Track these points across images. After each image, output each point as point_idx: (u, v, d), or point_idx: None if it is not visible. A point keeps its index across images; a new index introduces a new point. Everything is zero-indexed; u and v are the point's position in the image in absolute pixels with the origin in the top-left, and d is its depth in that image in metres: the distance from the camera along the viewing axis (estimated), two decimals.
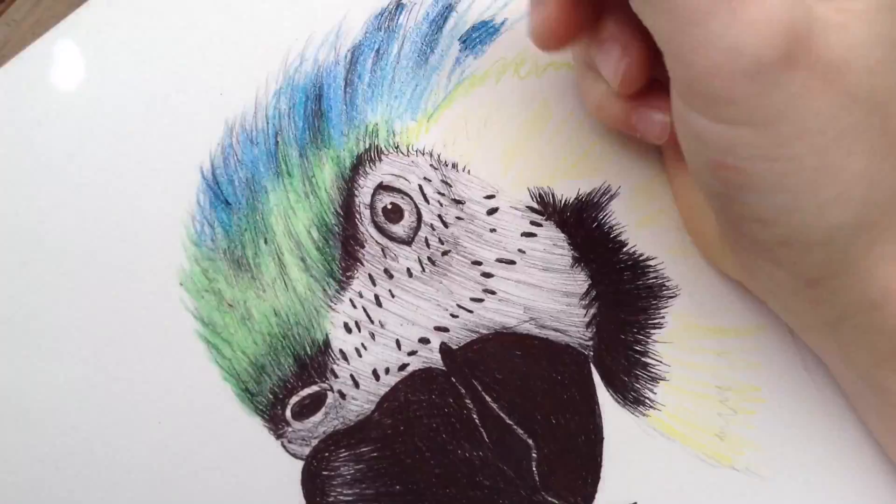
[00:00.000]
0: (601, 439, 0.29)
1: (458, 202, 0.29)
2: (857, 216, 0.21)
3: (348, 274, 0.29)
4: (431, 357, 0.29)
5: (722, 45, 0.19)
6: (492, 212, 0.29)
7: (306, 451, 0.29)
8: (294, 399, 0.28)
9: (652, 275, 0.29)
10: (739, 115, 0.20)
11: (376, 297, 0.29)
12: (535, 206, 0.29)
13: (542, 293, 0.29)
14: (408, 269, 0.29)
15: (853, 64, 0.20)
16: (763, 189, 0.21)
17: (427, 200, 0.29)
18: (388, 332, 0.29)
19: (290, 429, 0.29)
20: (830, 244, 0.21)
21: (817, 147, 0.20)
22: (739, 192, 0.22)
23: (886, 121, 0.20)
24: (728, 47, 0.19)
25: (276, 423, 0.28)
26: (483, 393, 0.29)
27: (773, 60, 0.19)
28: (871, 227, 0.21)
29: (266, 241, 0.28)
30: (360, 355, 0.29)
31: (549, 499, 0.29)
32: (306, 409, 0.29)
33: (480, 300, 0.29)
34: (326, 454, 0.29)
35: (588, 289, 0.29)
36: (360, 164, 0.29)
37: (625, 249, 0.29)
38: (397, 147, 0.29)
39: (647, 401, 0.29)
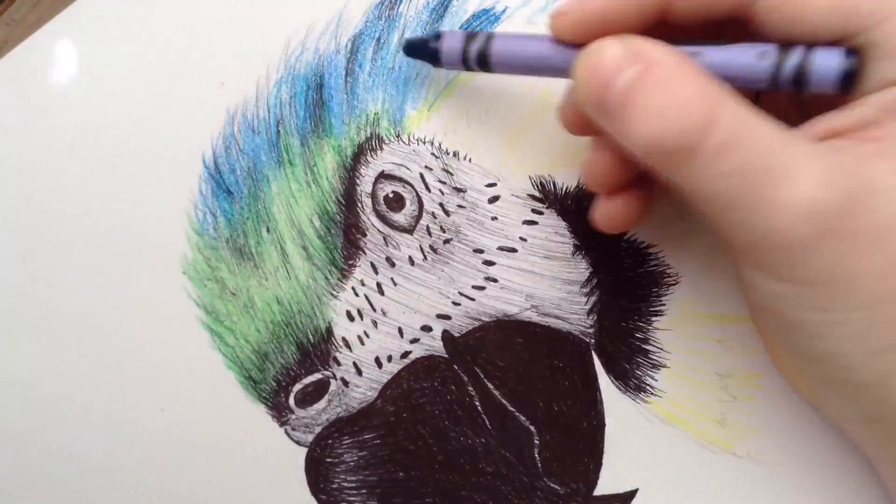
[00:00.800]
0: (602, 426, 0.29)
1: (459, 190, 0.29)
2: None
3: (350, 262, 0.29)
4: (433, 345, 0.29)
5: (757, 229, 0.20)
6: (493, 200, 0.29)
7: (309, 438, 0.29)
8: (297, 386, 0.29)
9: (653, 262, 0.29)
10: (784, 275, 0.21)
11: (378, 285, 0.29)
12: (537, 194, 0.29)
13: (544, 281, 0.29)
14: (409, 258, 0.29)
15: None
16: (811, 335, 0.22)
17: (428, 189, 0.29)
18: (391, 319, 0.29)
19: (293, 416, 0.29)
20: (884, 386, 0.21)
21: (866, 303, 0.20)
22: (790, 335, 0.23)
23: None
24: (764, 230, 0.20)
25: (279, 411, 0.29)
26: (485, 380, 0.29)
27: (806, 238, 0.20)
28: None
29: (268, 230, 0.28)
30: (362, 343, 0.29)
31: (552, 485, 0.29)
32: (309, 397, 0.29)
33: (482, 288, 0.29)
34: (329, 441, 0.29)
35: (589, 276, 0.30)
36: (361, 152, 0.29)
37: (626, 237, 0.29)
38: (398, 136, 0.29)
39: (647, 387, 0.29)
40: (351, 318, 0.29)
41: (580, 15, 0.23)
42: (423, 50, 0.27)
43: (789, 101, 0.25)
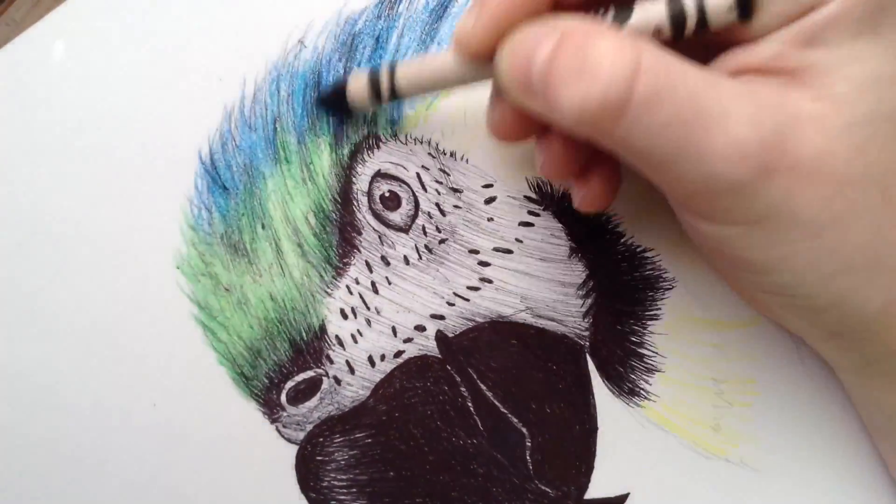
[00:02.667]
0: (595, 429, 0.29)
1: (455, 191, 0.29)
2: (866, 282, 0.22)
3: (345, 260, 0.29)
4: (427, 344, 0.29)
5: (696, 177, 0.20)
6: (489, 201, 0.29)
7: (301, 435, 0.29)
8: (289, 384, 0.29)
9: (649, 266, 0.29)
10: (728, 218, 0.21)
11: (373, 283, 0.29)
12: (533, 195, 0.29)
13: (539, 283, 0.29)
14: (405, 257, 0.29)
15: (838, 150, 0.20)
16: (763, 271, 0.22)
17: (425, 188, 0.29)
18: (384, 318, 0.29)
19: (284, 413, 0.29)
20: (841, 307, 0.22)
21: (812, 233, 0.21)
22: (742, 272, 0.23)
23: (887, 192, 0.21)
24: (703, 177, 0.20)
25: (270, 408, 0.29)
26: (478, 381, 0.29)
27: (745, 179, 0.20)
28: (882, 290, 0.22)
29: (263, 227, 0.28)
30: (355, 341, 0.29)
31: (543, 487, 0.29)
32: (301, 394, 0.29)
33: (477, 289, 0.29)
34: (321, 439, 0.29)
35: (585, 279, 0.29)
36: (358, 151, 0.29)
37: (622, 240, 0.29)
38: (396, 135, 0.29)
39: (642, 392, 0.29)
40: (345, 317, 0.29)
41: (483, 32, 0.22)
42: (335, 103, 0.27)
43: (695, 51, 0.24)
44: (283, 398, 0.29)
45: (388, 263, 0.29)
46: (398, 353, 0.29)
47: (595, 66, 0.19)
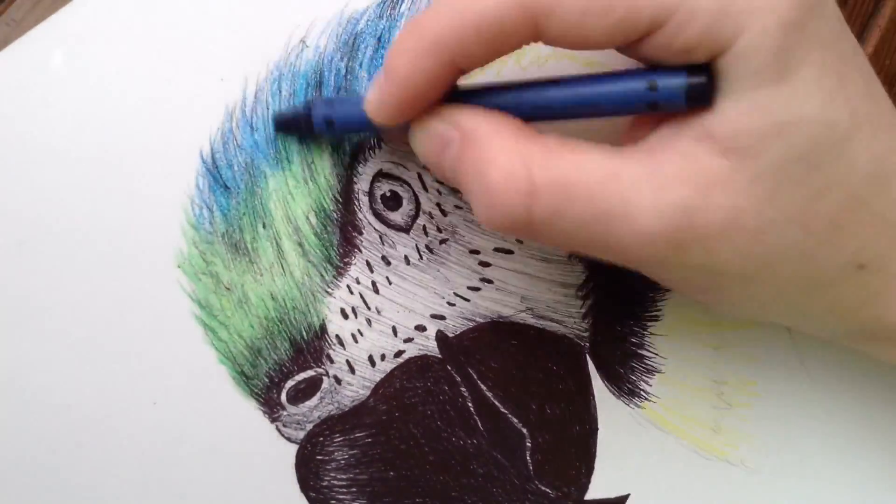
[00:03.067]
0: (595, 430, 0.29)
1: (456, 191, 0.29)
2: (805, 300, 0.23)
3: (346, 260, 0.29)
4: (427, 344, 0.29)
5: (615, 260, 0.22)
6: None
7: (301, 435, 0.29)
8: (289, 383, 0.29)
9: None
10: (660, 277, 0.24)
11: (373, 283, 0.29)
12: None
13: (540, 283, 0.29)
14: (405, 257, 0.29)
15: (746, 206, 0.21)
16: (713, 305, 0.26)
17: (426, 188, 0.29)
18: (385, 318, 0.29)
19: (284, 413, 0.29)
20: (790, 320, 0.26)
21: (738, 280, 0.22)
22: (702, 301, 0.26)
23: (808, 225, 0.21)
24: (621, 261, 0.22)
25: (271, 407, 0.29)
26: (478, 381, 0.29)
27: (659, 258, 0.21)
28: (824, 300, 0.23)
29: (264, 226, 0.28)
30: (356, 341, 0.29)
31: (543, 488, 0.29)
32: (301, 394, 0.29)
33: (477, 289, 0.29)
34: (321, 439, 0.29)
35: (585, 280, 0.29)
36: (359, 151, 0.29)
37: None
38: None
39: (642, 392, 0.29)
40: (345, 316, 0.29)
41: (390, 110, 0.23)
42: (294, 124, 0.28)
43: None
44: (284, 397, 0.29)
45: (388, 263, 0.29)
46: (398, 353, 0.29)
47: (494, 192, 0.21)
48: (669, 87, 0.21)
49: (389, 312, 0.29)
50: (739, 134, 0.20)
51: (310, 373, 0.29)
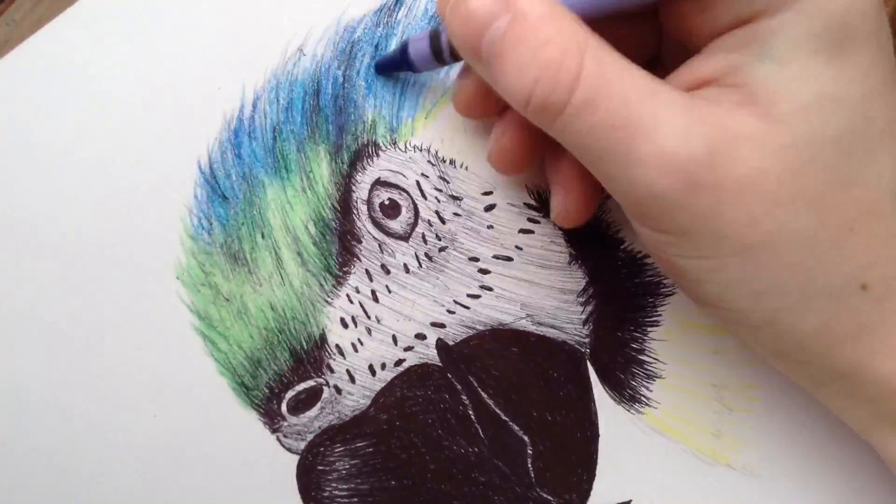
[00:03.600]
0: (597, 436, 0.29)
1: (455, 198, 0.29)
2: (798, 304, 0.21)
3: (345, 269, 0.29)
4: (428, 353, 0.29)
5: (623, 181, 0.21)
6: (489, 208, 0.29)
7: (301, 445, 0.29)
8: (290, 393, 0.29)
9: (649, 272, 0.29)
10: (656, 226, 0.22)
11: (373, 292, 0.29)
12: (533, 203, 0.29)
13: (539, 290, 0.29)
14: (405, 265, 0.29)
15: (771, 171, 0.20)
16: (696, 280, 0.22)
17: (424, 196, 0.29)
18: (385, 327, 0.29)
19: (285, 423, 0.29)
20: (775, 326, 0.22)
21: (739, 249, 0.21)
22: (679, 279, 0.23)
23: (823, 216, 0.20)
24: (628, 182, 0.21)
25: (271, 418, 0.28)
26: (479, 389, 0.29)
27: (668, 191, 0.20)
28: (816, 312, 0.21)
29: (263, 236, 0.28)
30: (356, 350, 0.29)
31: (544, 495, 0.29)
32: (302, 404, 0.29)
33: (477, 296, 0.29)
34: (321, 449, 0.29)
35: (585, 286, 0.29)
36: (357, 159, 0.29)
37: (622, 247, 0.29)
38: (395, 143, 0.29)
39: (642, 398, 0.29)
40: (345, 325, 0.29)
41: None
42: (395, 63, 0.27)
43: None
44: (284, 408, 0.28)
45: (388, 272, 0.29)
46: (399, 362, 0.29)
47: (543, 64, 0.20)
48: None
49: (389, 321, 0.29)
50: (782, 97, 0.20)
51: (310, 383, 0.29)
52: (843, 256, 0.21)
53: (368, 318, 0.29)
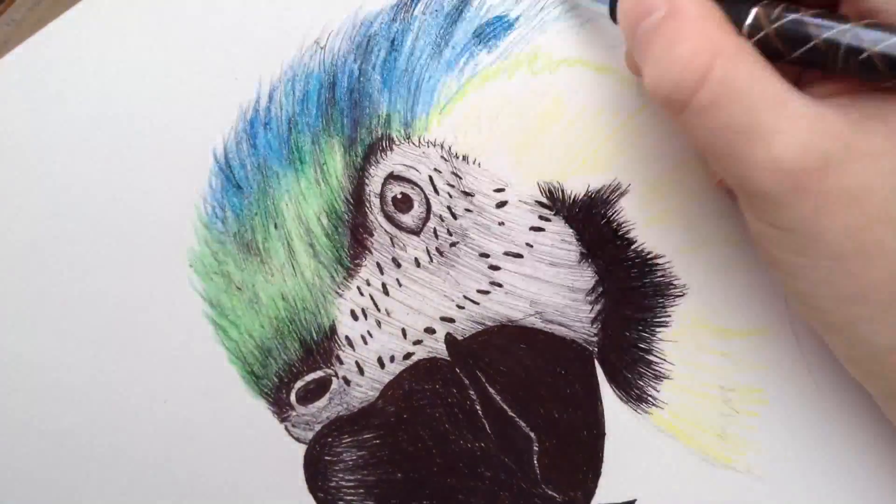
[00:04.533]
0: (603, 435, 0.29)
1: (467, 194, 0.29)
2: (879, 317, 0.23)
3: (356, 261, 0.29)
4: (436, 347, 0.29)
5: (737, 177, 0.22)
6: (501, 205, 0.29)
7: (309, 435, 0.29)
8: (299, 383, 0.29)
9: (659, 273, 0.29)
10: (763, 218, 0.23)
11: (383, 285, 0.29)
12: (545, 200, 0.29)
13: (549, 287, 0.29)
14: (416, 259, 0.29)
15: (878, 188, 0.21)
16: (789, 273, 0.24)
17: (437, 191, 0.29)
18: (395, 320, 0.29)
19: (293, 413, 0.29)
20: (853, 332, 0.23)
21: (833, 254, 0.22)
22: (774, 269, 0.25)
23: None
24: (741, 179, 0.22)
25: (280, 407, 0.29)
26: (487, 384, 0.29)
27: (775, 192, 0.21)
28: (893, 331, 0.22)
29: (276, 226, 0.28)
30: (365, 343, 0.29)
31: (550, 492, 0.29)
32: (311, 394, 0.29)
33: (487, 292, 0.29)
34: (329, 439, 0.29)
35: (595, 285, 0.29)
36: (371, 153, 0.29)
37: (633, 247, 0.29)
38: (409, 138, 0.29)
39: (649, 398, 0.29)
40: (355, 318, 0.29)
41: None
42: None
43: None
44: (293, 397, 0.29)
45: (398, 265, 0.29)
46: (407, 355, 0.29)
47: (672, 61, 0.21)
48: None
49: (399, 314, 0.29)
50: None
51: (319, 373, 0.29)
52: None
53: (378, 310, 0.29)
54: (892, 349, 0.23)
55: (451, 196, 0.29)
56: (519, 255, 0.29)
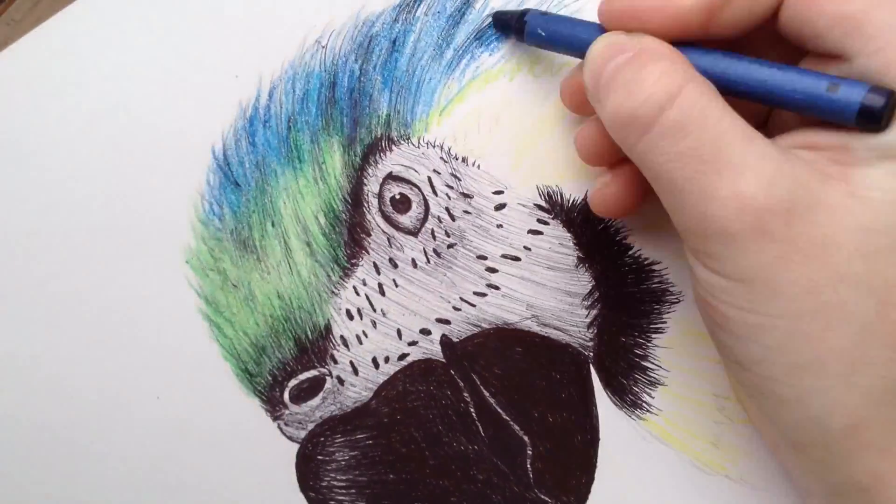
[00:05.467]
0: (597, 440, 0.29)
1: (466, 196, 0.29)
2: (835, 392, 0.20)
3: (353, 261, 0.29)
4: (432, 348, 0.29)
5: (695, 213, 0.21)
6: (499, 207, 0.29)
7: (302, 434, 0.29)
8: (293, 382, 0.29)
9: (656, 279, 0.29)
10: (716, 266, 0.21)
11: (380, 285, 0.29)
12: (543, 204, 0.29)
13: (546, 291, 0.29)
14: (412, 260, 0.29)
15: (845, 246, 0.20)
16: (738, 334, 0.22)
17: (435, 192, 0.29)
18: (390, 321, 0.29)
19: (287, 411, 0.29)
20: (805, 408, 0.21)
21: (792, 312, 0.20)
22: (718, 330, 0.23)
23: (885, 308, 0.20)
24: (700, 215, 0.21)
25: (273, 405, 0.29)
26: (481, 387, 0.29)
27: (737, 231, 0.20)
28: (851, 408, 0.20)
29: (273, 224, 0.28)
30: (360, 342, 0.29)
31: (542, 497, 0.29)
32: (304, 393, 0.29)
33: (483, 295, 0.29)
34: (322, 439, 0.29)
35: (591, 289, 0.29)
36: (370, 153, 0.29)
37: (630, 252, 0.29)
38: (408, 138, 0.29)
39: (644, 404, 0.29)
40: (350, 317, 0.29)
41: (625, 5, 0.23)
42: (507, 25, 0.28)
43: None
44: (286, 396, 0.29)
45: (395, 266, 0.29)
46: (402, 356, 0.29)
47: (641, 81, 0.21)
48: (848, 95, 0.20)
49: (395, 315, 0.29)
50: (877, 186, 0.20)
51: (313, 372, 0.29)
52: (892, 360, 0.20)
53: (374, 310, 0.29)
54: (846, 432, 0.20)
55: (449, 197, 0.29)
56: (516, 258, 0.29)
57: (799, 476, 0.24)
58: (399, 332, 0.29)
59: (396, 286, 0.29)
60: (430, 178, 0.29)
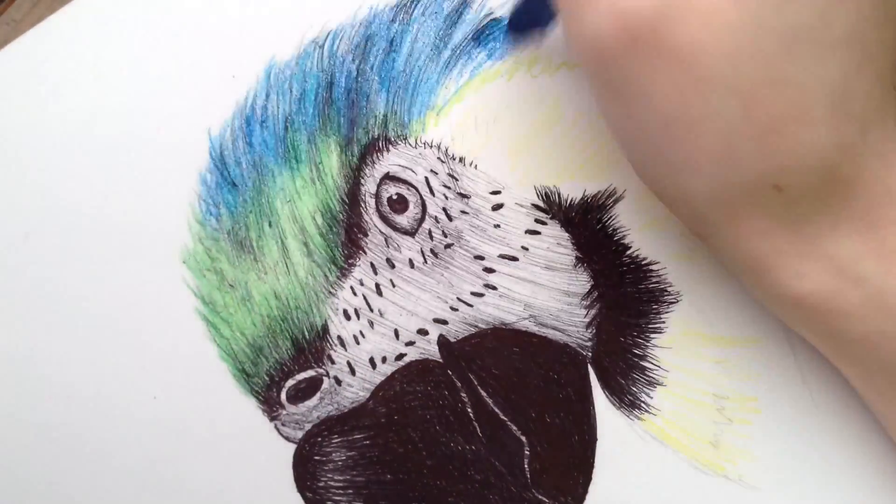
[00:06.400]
0: (595, 440, 0.29)
1: (463, 196, 0.29)
2: (710, 188, 0.22)
3: (350, 261, 0.29)
4: (429, 348, 0.29)
5: (575, 30, 0.22)
6: (497, 207, 0.29)
7: (299, 435, 0.29)
8: (290, 382, 0.29)
9: (654, 279, 0.29)
10: (598, 80, 0.22)
11: (377, 285, 0.29)
12: (541, 204, 0.29)
13: (544, 291, 0.29)
14: (410, 260, 0.29)
15: (711, 49, 0.20)
16: (625, 141, 0.23)
17: (433, 193, 0.29)
18: (387, 321, 0.29)
19: (284, 412, 0.29)
20: (687, 204, 0.23)
21: (665, 120, 0.21)
22: (615, 136, 0.24)
23: (750, 108, 0.20)
24: (578, 31, 0.21)
25: (270, 406, 0.29)
26: (479, 387, 0.29)
27: (612, 45, 0.20)
28: (727, 202, 0.22)
29: (270, 224, 0.28)
30: (357, 343, 0.29)
31: (540, 497, 0.29)
32: (301, 393, 0.29)
33: (481, 295, 0.29)
34: (319, 439, 0.29)
35: (590, 289, 0.29)
36: (367, 153, 0.29)
37: (628, 252, 0.29)
38: (406, 138, 0.29)
39: (642, 405, 0.29)
40: (348, 317, 0.29)
41: None
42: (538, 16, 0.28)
43: None
44: (283, 396, 0.29)
45: (393, 266, 0.29)
46: (400, 356, 0.29)
47: None
48: None
49: (392, 315, 0.29)
50: None
51: (310, 373, 0.29)
52: (761, 154, 0.21)
53: (371, 310, 0.29)
54: (727, 222, 0.22)
55: (446, 198, 0.29)
56: (514, 258, 0.29)
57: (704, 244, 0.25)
58: (396, 333, 0.29)
59: (394, 286, 0.29)
60: (427, 179, 0.29)
